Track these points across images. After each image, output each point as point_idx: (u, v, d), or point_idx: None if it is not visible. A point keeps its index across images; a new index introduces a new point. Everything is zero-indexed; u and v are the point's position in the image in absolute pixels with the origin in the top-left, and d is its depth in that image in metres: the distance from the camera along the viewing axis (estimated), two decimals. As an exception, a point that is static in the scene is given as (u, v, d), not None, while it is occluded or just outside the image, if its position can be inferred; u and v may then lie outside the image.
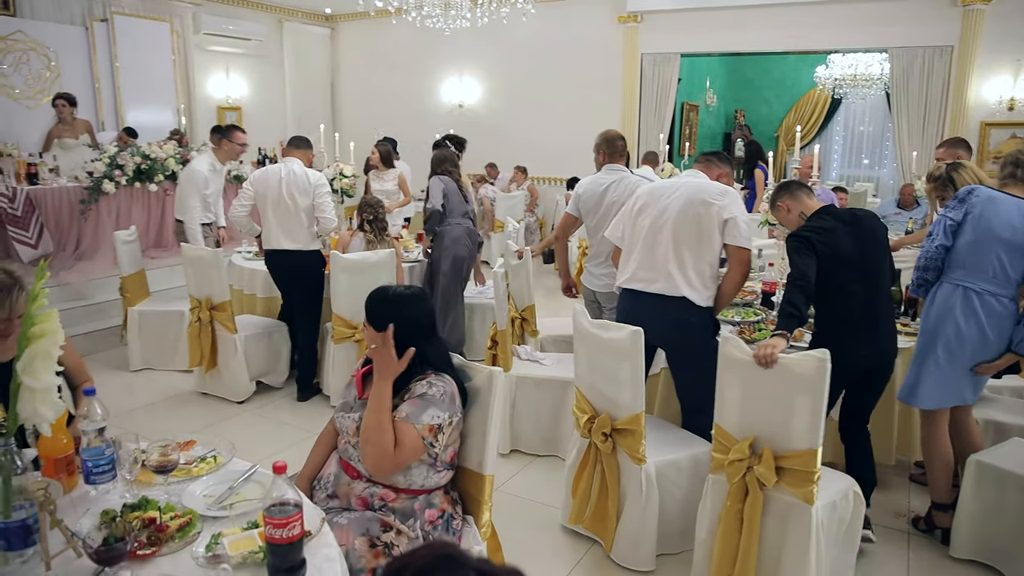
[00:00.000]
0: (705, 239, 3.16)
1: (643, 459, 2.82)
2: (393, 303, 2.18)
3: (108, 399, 1.90)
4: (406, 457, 2.06)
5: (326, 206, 4.67)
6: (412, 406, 2.08)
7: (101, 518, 1.66)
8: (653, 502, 2.82)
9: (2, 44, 7.86)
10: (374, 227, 4.88)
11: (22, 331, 1.55)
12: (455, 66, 10.81)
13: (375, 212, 4.91)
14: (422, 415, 2.07)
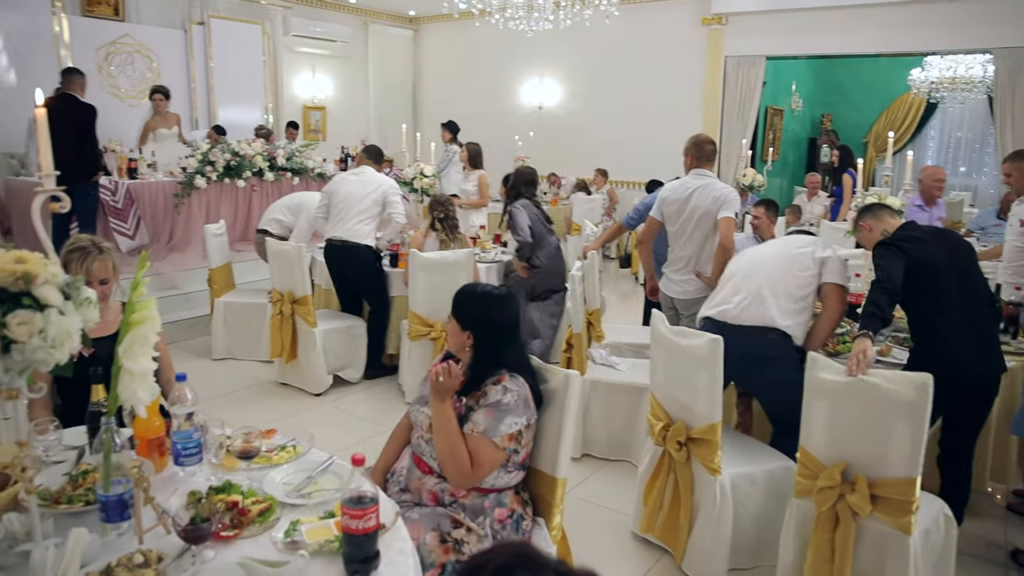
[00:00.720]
0: (801, 273, 3.18)
1: (718, 470, 2.75)
2: (481, 301, 2.21)
3: (194, 384, 1.98)
4: (486, 472, 2.09)
5: (397, 206, 4.91)
6: (488, 417, 2.07)
7: (188, 498, 1.72)
8: (727, 515, 2.75)
9: (111, 47, 8.36)
10: (445, 225, 4.93)
11: (124, 317, 1.63)
12: (536, 68, 10.83)
13: (446, 210, 4.96)
14: (500, 426, 2.07)
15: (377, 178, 4.99)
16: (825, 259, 3.19)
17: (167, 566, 1.48)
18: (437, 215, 4.95)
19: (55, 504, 1.72)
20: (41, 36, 7.63)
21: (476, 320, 2.16)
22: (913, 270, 2.77)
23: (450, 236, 4.91)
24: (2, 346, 1.31)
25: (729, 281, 3.33)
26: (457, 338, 2.18)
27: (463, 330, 2.17)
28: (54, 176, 1.45)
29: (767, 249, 3.48)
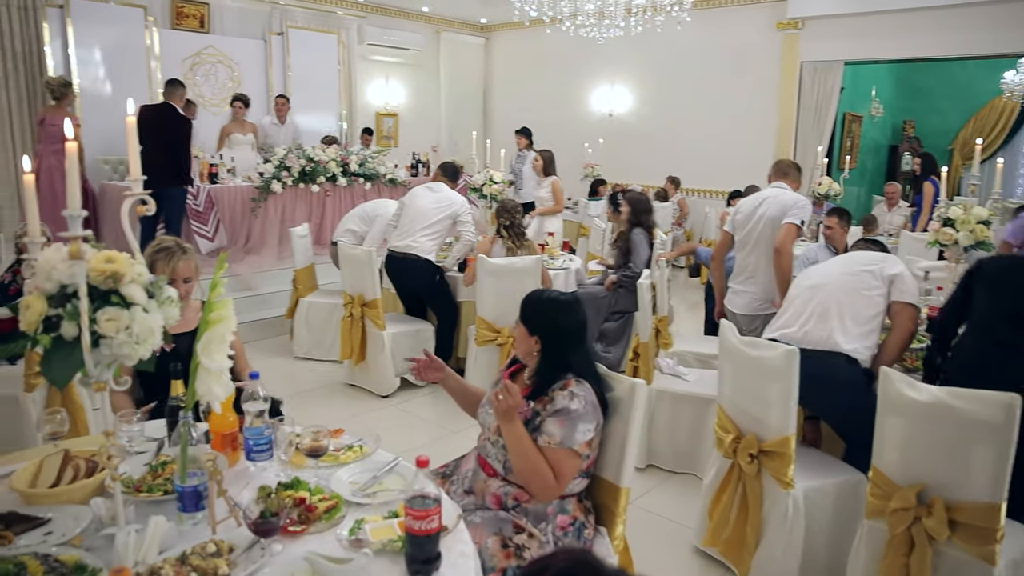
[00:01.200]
0: (868, 293, 3.07)
1: (791, 483, 2.67)
2: (548, 306, 2.21)
3: (267, 383, 2.04)
4: (569, 480, 2.10)
5: (468, 225, 4.98)
6: (560, 427, 2.07)
7: (259, 493, 1.78)
8: (799, 530, 2.67)
9: (196, 58, 8.74)
10: (511, 232, 4.94)
11: (203, 316, 1.70)
12: (606, 75, 10.79)
13: (512, 217, 4.97)
14: (575, 435, 2.07)
15: (451, 196, 5.06)
16: (894, 276, 3.05)
17: (237, 557, 1.54)
18: (503, 222, 4.97)
19: (136, 492, 1.80)
20: (134, 49, 8.02)
21: (543, 325, 2.17)
22: None
23: (516, 243, 4.92)
24: (92, 341, 1.37)
25: (793, 302, 3.22)
26: (524, 343, 2.20)
27: (531, 335, 2.18)
28: (142, 180, 1.52)
29: (833, 267, 3.34)
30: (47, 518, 1.71)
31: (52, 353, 1.37)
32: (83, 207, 1.39)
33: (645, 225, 5.14)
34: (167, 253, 2.66)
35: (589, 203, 8.94)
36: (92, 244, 1.45)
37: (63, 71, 7.49)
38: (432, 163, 9.10)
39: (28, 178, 1.45)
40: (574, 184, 9.78)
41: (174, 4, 8.64)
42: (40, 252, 1.41)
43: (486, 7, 10.83)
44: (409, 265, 4.93)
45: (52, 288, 1.37)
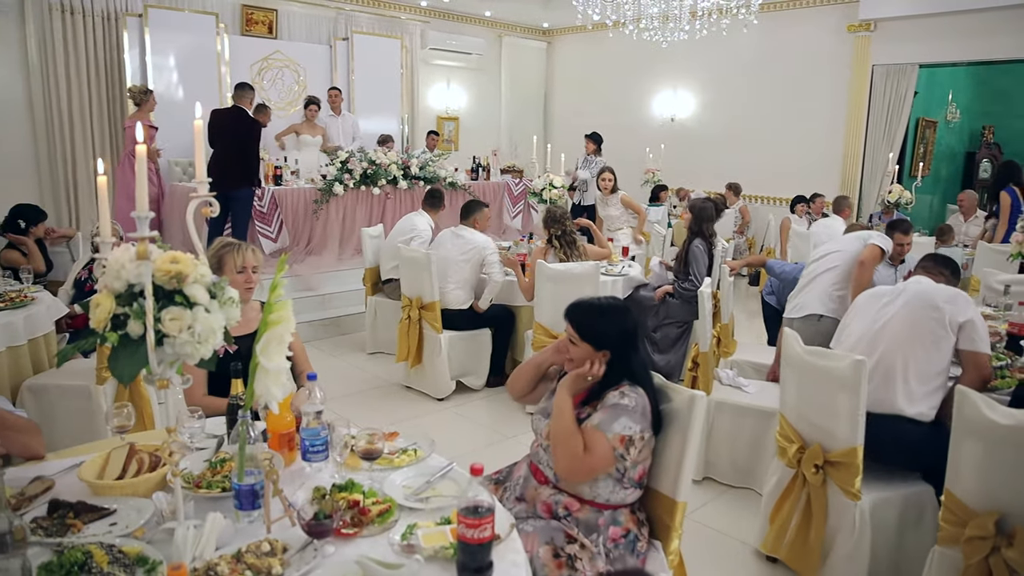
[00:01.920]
0: (935, 346, 2.82)
1: (858, 495, 2.59)
2: (599, 312, 2.19)
3: (324, 383, 2.06)
4: (595, 464, 2.05)
5: (494, 266, 4.95)
6: (603, 414, 2.07)
7: (313, 494, 1.79)
8: (865, 543, 2.59)
9: (264, 63, 8.98)
10: (563, 241, 4.88)
11: (263, 317, 1.72)
12: (669, 79, 10.66)
13: (563, 226, 4.91)
14: (613, 424, 2.05)
15: (474, 240, 4.99)
16: (964, 324, 2.80)
17: (291, 557, 1.55)
18: (554, 232, 4.89)
19: (196, 488, 1.83)
20: (206, 54, 8.30)
21: (609, 337, 2.15)
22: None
23: (568, 252, 4.85)
24: (156, 339, 1.40)
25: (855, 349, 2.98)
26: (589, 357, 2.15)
27: (598, 350, 2.14)
28: (207, 182, 1.55)
29: (893, 308, 2.98)
30: (112, 509, 1.76)
31: (119, 350, 1.41)
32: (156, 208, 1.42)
33: (705, 235, 5.04)
34: (232, 245, 2.78)
35: (649, 209, 8.84)
36: (159, 245, 1.48)
37: (140, 77, 7.79)
38: (492, 167, 9.14)
39: (101, 180, 1.49)
40: (634, 190, 9.68)
41: (244, 11, 8.90)
42: (110, 252, 1.45)
43: (548, 11, 10.83)
44: (446, 315, 4.90)
45: (120, 287, 1.41)
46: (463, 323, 4.96)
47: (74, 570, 1.49)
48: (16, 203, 5.20)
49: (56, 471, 1.99)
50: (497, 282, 4.97)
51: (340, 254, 7.24)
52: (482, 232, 5.13)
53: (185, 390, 2.52)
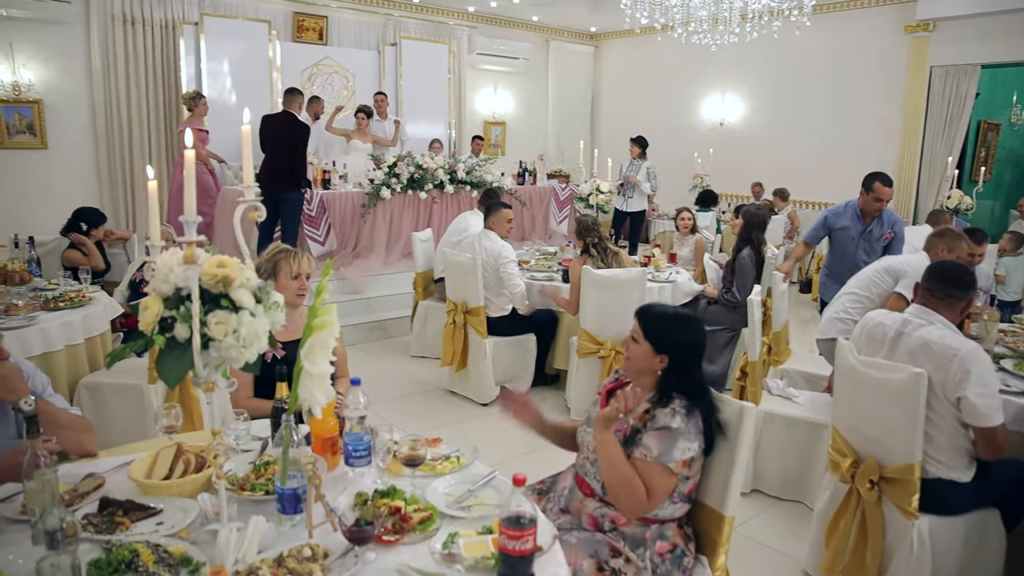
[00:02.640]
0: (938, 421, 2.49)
1: (915, 514, 2.48)
2: (671, 321, 2.14)
3: (369, 387, 2.06)
4: (661, 499, 2.01)
5: (513, 278, 4.85)
6: (659, 442, 1.99)
7: (355, 499, 1.79)
8: (925, 565, 2.48)
9: (314, 68, 9.15)
10: (599, 249, 4.80)
11: (307, 321, 1.72)
12: (718, 83, 10.51)
13: (598, 234, 4.83)
14: (673, 451, 1.98)
15: (490, 247, 4.90)
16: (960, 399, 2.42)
17: (331, 563, 1.54)
18: (590, 240, 4.81)
19: (240, 490, 1.85)
20: (258, 61, 8.48)
21: (672, 343, 2.09)
22: None
23: (604, 261, 4.77)
24: (202, 343, 1.41)
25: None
26: (645, 360, 2.11)
27: (657, 354, 2.10)
28: (254, 187, 1.56)
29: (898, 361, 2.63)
30: (159, 509, 1.79)
31: (165, 353, 1.42)
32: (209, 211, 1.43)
33: (755, 243, 4.94)
34: (288, 252, 2.79)
35: (697, 214, 8.71)
36: (207, 249, 1.49)
37: (195, 84, 8.00)
38: (539, 171, 9.12)
39: (151, 185, 1.51)
40: (683, 195, 9.57)
41: (296, 18, 9.06)
42: (159, 255, 1.46)
43: (596, 15, 10.78)
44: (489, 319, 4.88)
45: (168, 290, 1.42)
46: (505, 328, 4.94)
47: (121, 568, 1.51)
48: (79, 206, 5.36)
49: (107, 469, 2.03)
50: (517, 294, 4.87)
51: (386, 258, 7.30)
52: (502, 235, 5.03)
53: (231, 392, 2.57)
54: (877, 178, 4.56)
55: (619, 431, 2.07)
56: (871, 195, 4.57)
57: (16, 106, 7.33)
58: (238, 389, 2.57)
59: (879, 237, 4.68)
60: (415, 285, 6.05)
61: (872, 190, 4.56)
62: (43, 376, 2.31)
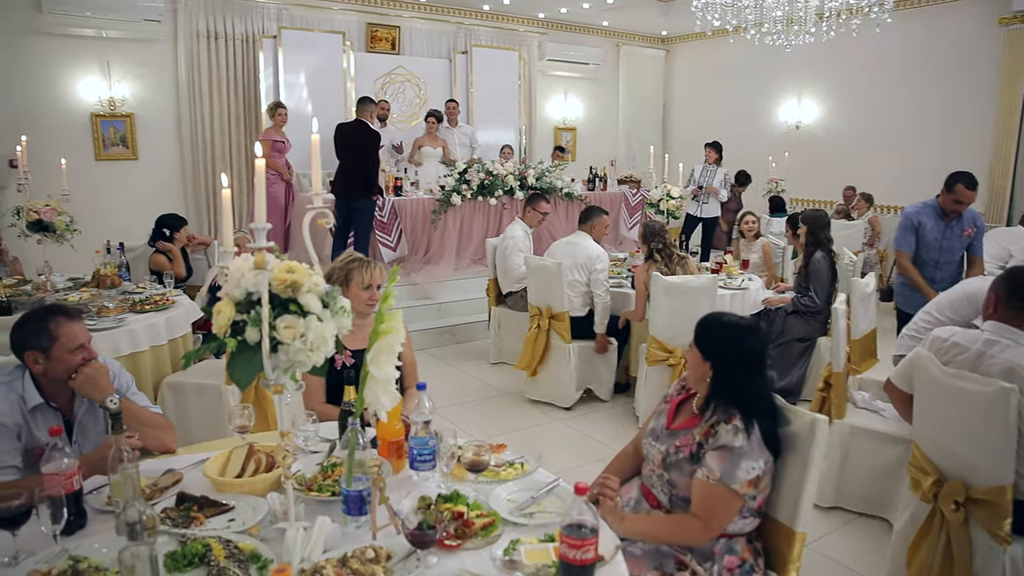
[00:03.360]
0: None
1: (1008, 539, 2.32)
2: (724, 330, 2.10)
3: (439, 391, 2.08)
4: (726, 521, 1.97)
5: (600, 285, 4.85)
6: (722, 462, 1.94)
7: (419, 503, 1.81)
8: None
9: (387, 78, 9.34)
10: (663, 255, 4.72)
11: (374, 327, 1.75)
12: (793, 84, 10.22)
13: (662, 240, 4.74)
14: (736, 472, 1.93)
15: (586, 248, 4.91)
16: None
17: (394, 565, 1.56)
18: (654, 246, 4.73)
19: (308, 490, 1.89)
20: (333, 71, 8.71)
21: (717, 349, 2.05)
22: None
23: (669, 266, 4.68)
24: (271, 346, 1.45)
25: None
26: (698, 368, 2.09)
27: (704, 360, 2.06)
28: (323, 194, 1.60)
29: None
30: (231, 505, 1.85)
31: (237, 355, 1.47)
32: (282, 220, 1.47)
33: (824, 245, 4.78)
34: (362, 262, 2.81)
35: (771, 220, 8.48)
36: (276, 255, 1.54)
37: (274, 94, 8.28)
38: (609, 177, 9.06)
39: (225, 193, 1.56)
40: (756, 199, 9.34)
41: (369, 29, 9.27)
42: (232, 261, 1.51)
43: (667, 19, 10.65)
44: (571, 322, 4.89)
45: (240, 295, 1.47)
46: (587, 330, 4.91)
47: (195, 561, 1.57)
48: (163, 213, 5.62)
49: (185, 465, 2.11)
50: (605, 305, 4.87)
51: (457, 264, 7.37)
52: (598, 241, 5.07)
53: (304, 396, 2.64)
54: (960, 179, 4.32)
55: (685, 447, 2.04)
56: (951, 196, 4.35)
57: (111, 120, 7.76)
58: (311, 394, 2.66)
59: (960, 233, 4.46)
60: (488, 291, 6.09)
61: (953, 191, 4.34)
62: (128, 375, 2.42)
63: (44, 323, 2.18)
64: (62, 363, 2.18)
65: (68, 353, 2.18)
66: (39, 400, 2.19)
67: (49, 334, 2.17)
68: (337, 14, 9.01)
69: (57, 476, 1.72)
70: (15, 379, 2.21)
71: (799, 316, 4.85)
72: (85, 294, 4.20)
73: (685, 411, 2.18)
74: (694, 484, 1.98)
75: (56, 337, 2.17)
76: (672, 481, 2.06)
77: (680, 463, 2.04)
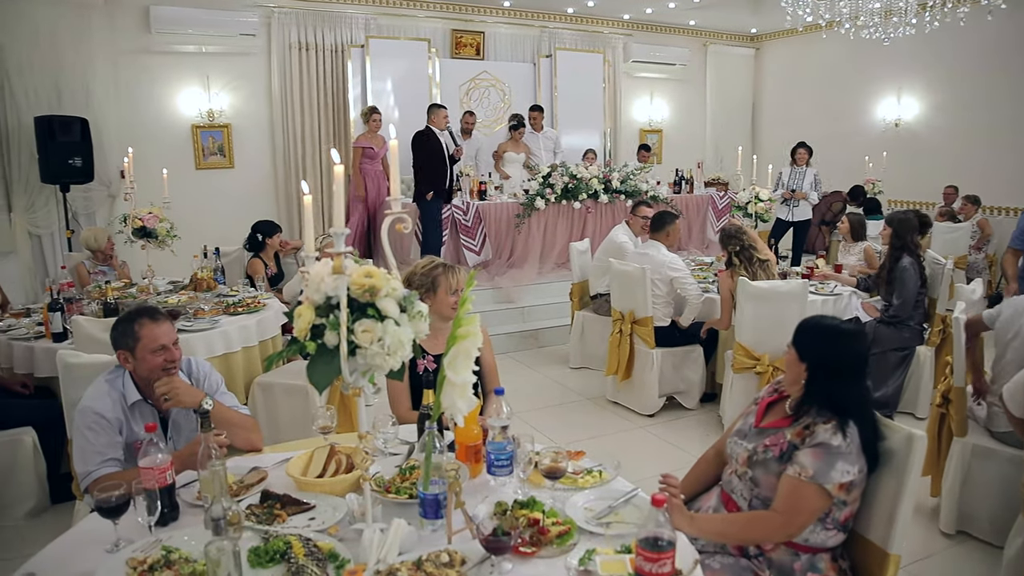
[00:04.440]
0: None
1: None
2: (823, 332, 2.03)
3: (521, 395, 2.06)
4: (807, 520, 1.88)
5: (687, 286, 4.77)
6: (817, 460, 1.86)
7: (495, 508, 1.80)
8: None
9: (471, 83, 9.43)
10: (743, 257, 4.55)
11: (451, 331, 1.76)
12: (892, 80, 9.72)
13: (740, 242, 4.57)
14: (831, 472, 1.85)
15: (656, 258, 4.83)
16: None
17: (468, 570, 1.56)
18: (732, 249, 4.58)
19: (386, 492, 1.92)
20: (418, 78, 8.86)
21: (815, 352, 1.99)
22: None
23: (749, 270, 4.52)
24: (349, 350, 1.48)
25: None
26: (793, 369, 2.03)
27: (800, 361, 2.00)
28: (400, 200, 1.61)
29: None
30: (312, 505, 1.89)
31: (316, 359, 1.50)
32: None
33: (912, 249, 4.52)
34: (447, 267, 2.82)
35: (867, 223, 8.10)
36: (355, 259, 1.56)
37: (361, 102, 8.50)
38: (696, 180, 8.87)
39: (306, 200, 1.60)
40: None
41: (454, 35, 9.40)
42: (313, 266, 1.54)
43: (757, 16, 10.34)
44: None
45: (319, 299, 1.50)
46: (672, 338, 4.83)
47: (276, 558, 1.61)
48: (257, 219, 5.85)
49: (270, 464, 2.18)
50: (696, 303, 4.78)
51: (540, 267, 7.37)
52: (671, 247, 4.97)
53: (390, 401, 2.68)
54: None
55: (775, 446, 1.97)
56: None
57: (210, 130, 8.16)
58: (396, 399, 2.70)
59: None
60: (572, 295, 6.06)
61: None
62: (218, 376, 2.52)
63: (131, 324, 2.31)
64: (145, 363, 2.30)
65: (150, 353, 2.30)
66: (137, 396, 2.31)
67: (134, 334, 2.30)
68: (423, 21, 9.17)
69: (152, 470, 1.80)
70: (117, 377, 2.34)
71: (886, 325, 4.61)
72: (183, 296, 4.42)
73: (776, 411, 2.11)
74: (781, 480, 1.91)
75: (139, 338, 2.29)
76: (755, 479, 2.00)
77: (768, 462, 1.98)
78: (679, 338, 4.86)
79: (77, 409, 2.28)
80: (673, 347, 4.83)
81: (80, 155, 6.73)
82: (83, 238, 5.38)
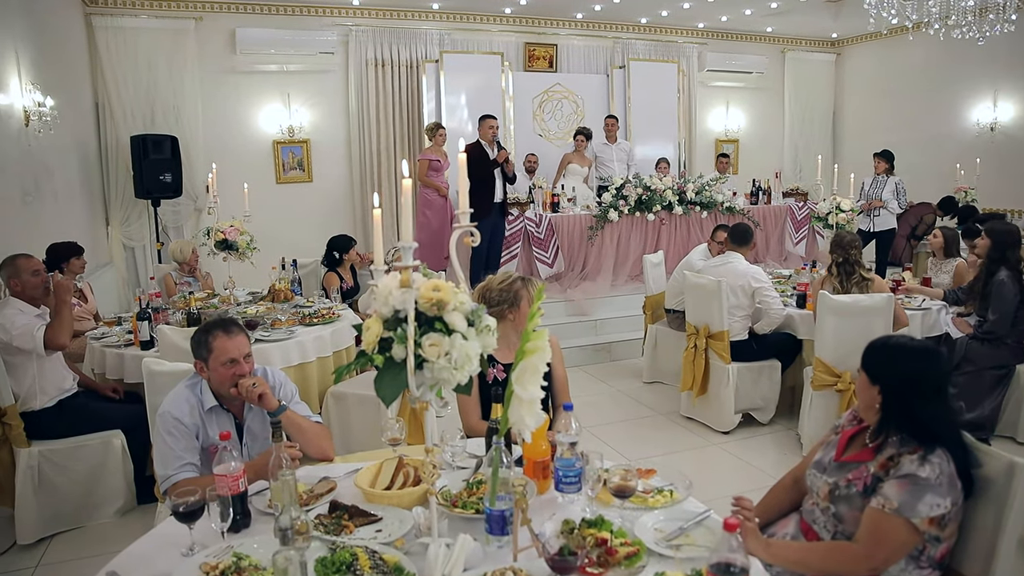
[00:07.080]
0: None
1: None
2: (892, 352, 1.92)
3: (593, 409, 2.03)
4: (893, 557, 1.76)
5: (769, 299, 4.64)
6: (902, 491, 1.75)
7: (562, 526, 1.76)
8: None
9: (544, 95, 9.45)
10: (841, 269, 4.35)
11: (519, 346, 1.74)
12: (987, 81, 9.23)
13: (846, 253, 4.36)
14: (918, 505, 1.73)
15: (740, 269, 4.69)
16: None
17: (533, 590, 1.53)
18: (836, 258, 4.38)
19: (452, 506, 1.90)
20: (491, 91, 8.93)
21: (885, 373, 1.87)
22: None
23: (845, 283, 4.31)
24: (416, 363, 1.47)
25: None
26: (866, 393, 1.93)
27: (872, 384, 1.89)
28: (468, 213, 1.61)
29: None
30: (379, 516, 1.90)
31: (383, 372, 1.50)
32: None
33: (1011, 263, 4.23)
34: (525, 280, 2.81)
35: (960, 233, 7.70)
36: (423, 273, 1.56)
37: (436, 116, 8.63)
38: (774, 190, 8.63)
39: (375, 213, 1.61)
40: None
41: (527, 48, 9.45)
42: (381, 279, 1.55)
43: (837, 20, 10.01)
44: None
45: (387, 312, 1.50)
46: (747, 353, 4.70)
47: (342, 569, 1.62)
48: (335, 232, 5.99)
49: (340, 474, 2.20)
50: (776, 317, 4.64)
51: (614, 280, 7.29)
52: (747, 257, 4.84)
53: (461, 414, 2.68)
54: None
55: (858, 480, 1.86)
56: None
57: (290, 146, 8.45)
58: (466, 409, 2.69)
59: None
60: (645, 308, 5.96)
61: None
62: (292, 385, 2.58)
63: (206, 335, 2.39)
64: (217, 373, 2.37)
65: (221, 365, 2.37)
66: (214, 403, 2.38)
67: (208, 345, 2.37)
68: (496, 35, 9.26)
69: (225, 477, 1.84)
70: (196, 383, 2.42)
71: (980, 342, 4.34)
72: (261, 307, 4.55)
73: (857, 443, 1.99)
74: (865, 513, 1.80)
75: (211, 349, 2.37)
76: (839, 515, 1.89)
77: (851, 497, 1.87)
78: (756, 352, 4.71)
79: (158, 414, 2.37)
80: (749, 362, 4.69)
81: (170, 171, 7.09)
82: (170, 250, 5.63)
